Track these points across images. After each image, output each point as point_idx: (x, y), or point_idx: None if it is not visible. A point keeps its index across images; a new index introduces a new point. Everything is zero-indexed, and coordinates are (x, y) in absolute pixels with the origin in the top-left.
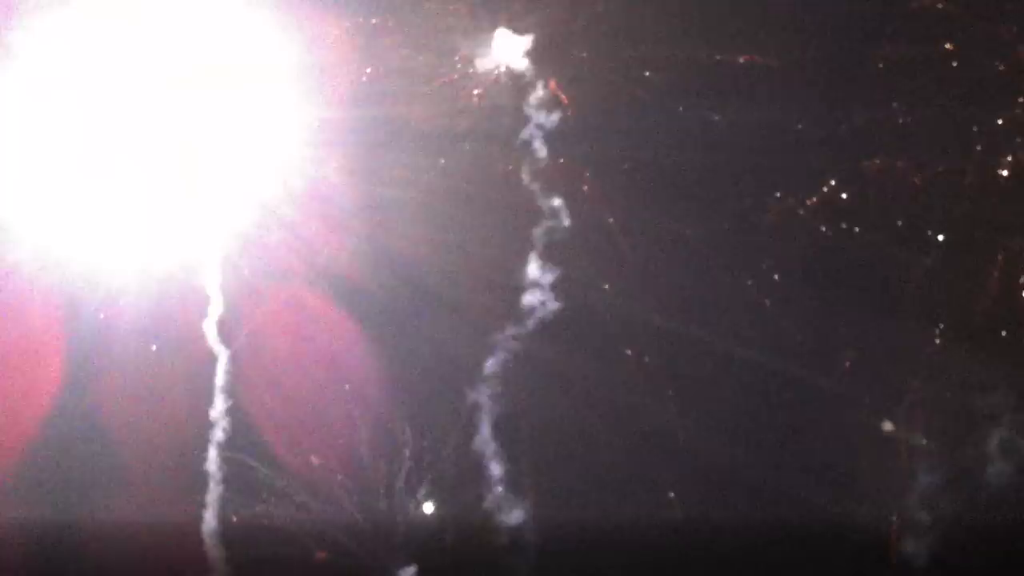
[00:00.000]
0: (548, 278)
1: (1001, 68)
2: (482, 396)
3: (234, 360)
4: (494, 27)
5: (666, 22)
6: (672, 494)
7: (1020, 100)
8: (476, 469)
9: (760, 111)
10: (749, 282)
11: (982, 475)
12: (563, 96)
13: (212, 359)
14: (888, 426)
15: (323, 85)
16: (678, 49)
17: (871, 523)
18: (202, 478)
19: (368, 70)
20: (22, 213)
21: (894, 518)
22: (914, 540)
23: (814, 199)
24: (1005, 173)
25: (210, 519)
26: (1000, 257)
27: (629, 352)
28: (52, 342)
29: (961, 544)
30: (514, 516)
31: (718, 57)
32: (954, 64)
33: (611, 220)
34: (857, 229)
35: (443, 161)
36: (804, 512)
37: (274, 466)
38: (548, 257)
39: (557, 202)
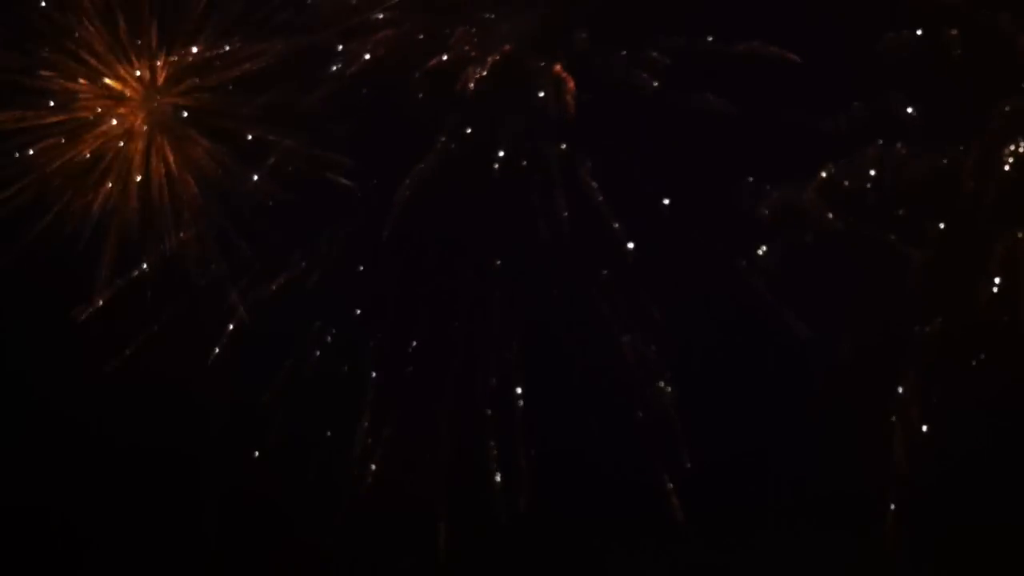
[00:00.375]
0: (547, 268)
1: (1002, 57)
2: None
3: None
4: (494, 5)
5: (669, 7)
6: (670, 484)
7: (1022, 88)
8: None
9: (759, 99)
10: (744, 263)
11: (979, 465)
12: (569, 80)
13: None
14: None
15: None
16: (681, 35)
17: (867, 512)
18: None
19: (366, 53)
20: None
21: (891, 507)
22: (910, 529)
23: (812, 188)
24: (1007, 161)
25: None
26: (1000, 247)
27: (626, 338)
28: None
29: (957, 533)
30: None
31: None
32: (954, 52)
33: (609, 208)
34: (852, 218)
35: (440, 144)
36: (800, 501)
37: None
38: (547, 247)
39: (555, 190)
